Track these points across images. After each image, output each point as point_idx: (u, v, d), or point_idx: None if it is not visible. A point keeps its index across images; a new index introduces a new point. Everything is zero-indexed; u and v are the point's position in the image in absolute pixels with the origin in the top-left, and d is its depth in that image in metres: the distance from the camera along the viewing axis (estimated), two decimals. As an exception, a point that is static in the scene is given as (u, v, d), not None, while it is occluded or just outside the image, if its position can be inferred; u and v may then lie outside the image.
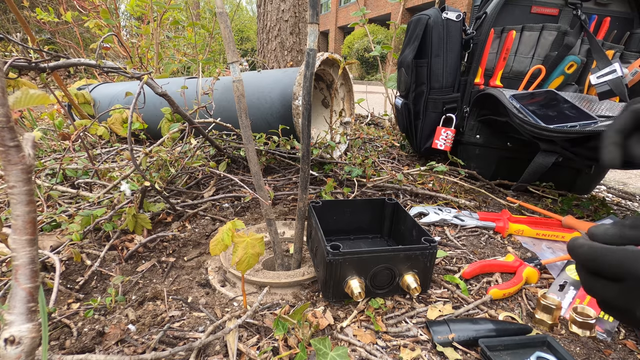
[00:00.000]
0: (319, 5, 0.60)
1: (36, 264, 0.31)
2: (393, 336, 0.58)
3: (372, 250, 0.59)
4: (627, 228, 0.35)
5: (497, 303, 0.67)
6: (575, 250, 0.37)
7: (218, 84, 1.35)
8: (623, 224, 0.36)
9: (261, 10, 2.39)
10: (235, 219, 0.58)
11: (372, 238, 0.84)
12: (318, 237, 0.64)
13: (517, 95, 0.98)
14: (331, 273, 0.59)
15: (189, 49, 2.92)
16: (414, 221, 0.71)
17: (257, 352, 0.53)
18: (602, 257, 0.34)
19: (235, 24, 12.73)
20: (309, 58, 0.62)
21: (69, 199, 1.02)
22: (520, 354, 0.52)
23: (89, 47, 3.39)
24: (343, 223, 0.82)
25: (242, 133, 0.67)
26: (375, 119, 2.48)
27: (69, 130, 1.22)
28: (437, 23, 1.14)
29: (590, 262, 0.35)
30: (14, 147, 0.29)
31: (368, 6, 14.92)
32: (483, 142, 1.20)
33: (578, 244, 0.37)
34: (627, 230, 0.35)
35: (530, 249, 0.85)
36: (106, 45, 2.25)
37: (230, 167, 1.32)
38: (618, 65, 0.86)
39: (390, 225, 0.83)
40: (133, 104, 0.79)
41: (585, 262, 0.36)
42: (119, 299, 0.65)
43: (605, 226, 0.37)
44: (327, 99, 1.64)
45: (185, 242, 0.88)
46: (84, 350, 0.54)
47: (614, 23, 1.04)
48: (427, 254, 0.61)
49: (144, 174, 0.81)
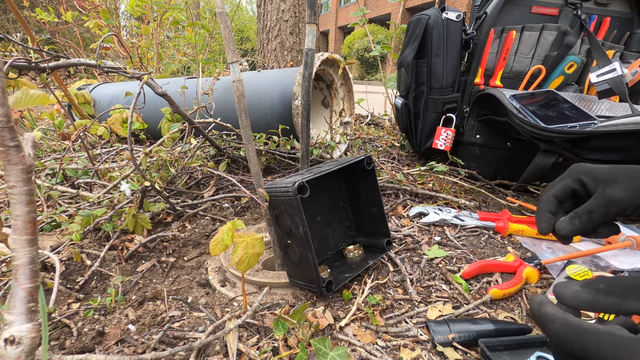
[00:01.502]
0: (317, 5, 0.60)
1: (36, 264, 0.31)
2: (393, 336, 0.58)
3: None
4: (601, 295, 0.31)
5: (497, 303, 0.67)
6: (546, 326, 0.32)
7: (218, 84, 1.35)
8: (597, 289, 0.32)
9: (261, 10, 2.39)
10: (235, 219, 0.58)
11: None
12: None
13: (517, 95, 0.98)
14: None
15: (189, 49, 2.92)
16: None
17: (257, 352, 0.53)
18: (576, 343, 0.29)
19: (235, 24, 12.73)
20: (307, 58, 0.62)
21: (69, 199, 1.02)
22: (520, 354, 0.52)
23: (89, 47, 3.39)
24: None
25: (242, 133, 0.67)
26: (375, 119, 2.48)
27: (69, 130, 1.22)
28: (437, 23, 1.14)
29: (565, 345, 0.30)
30: (14, 147, 0.29)
31: (368, 6, 14.92)
32: (483, 142, 1.20)
33: (549, 318, 0.32)
34: (601, 297, 0.31)
35: (530, 249, 0.85)
36: (106, 45, 2.25)
37: (230, 167, 1.32)
38: (618, 64, 0.86)
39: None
40: (133, 104, 0.79)
41: (561, 343, 0.31)
42: (119, 299, 0.65)
43: (575, 288, 0.33)
44: (327, 99, 1.64)
45: (185, 242, 0.88)
46: (84, 350, 0.54)
47: (614, 23, 1.04)
48: None
49: (144, 174, 0.81)
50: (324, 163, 0.79)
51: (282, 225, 0.66)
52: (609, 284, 0.32)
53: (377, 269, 0.77)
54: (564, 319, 0.31)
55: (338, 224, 0.82)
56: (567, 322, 0.30)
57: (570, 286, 0.34)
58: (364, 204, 0.80)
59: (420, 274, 0.74)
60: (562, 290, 0.34)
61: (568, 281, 0.36)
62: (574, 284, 0.34)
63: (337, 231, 0.81)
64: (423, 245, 0.85)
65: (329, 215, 0.80)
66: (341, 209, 0.83)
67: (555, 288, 0.35)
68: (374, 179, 0.75)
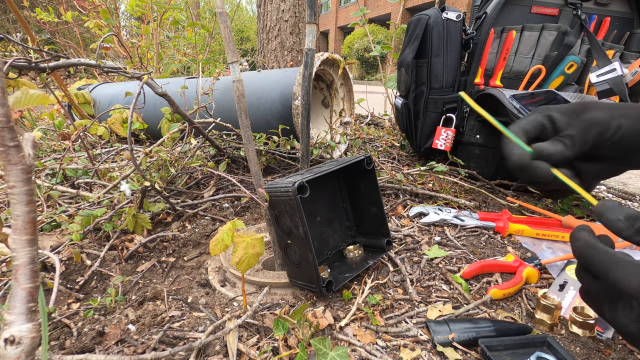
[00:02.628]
0: (317, 5, 0.60)
1: (36, 264, 0.31)
2: (393, 336, 0.58)
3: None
4: (638, 235, 0.34)
5: (497, 303, 0.67)
6: (573, 242, 0.37)
7: (218, 84, 1.35)
8: (636, 228, 0.34)
9: (261, 10, 2.39)
10: (235, 219, 0.58)
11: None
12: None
13: (517, 95, 0.98)
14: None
15: (189, 49, 2.92)
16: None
17: (257, 352, 0.53)
18: (590, 256, 0.35)
19: (235, 24, 12.72)
20: (307, 58, 0.62)
21: (69, 199, 1.02)
22: (520, 354, 0.52)
23: (89, 47, 3.39)
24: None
25: (242, 133, 0.67)
26: (375, 119, 2.48)
27: (69, 130, 1.22)
28: (437, 23, 1.14)
29: (580, 258, 0.36)
30: (14, 147, 0.29)
31: (368, 6, 14.91)
32: (483, 142, 1.20)
33: (576, 237, 0.36)
34: (637, 236, 0.34)
35: (530, 249, 0.85)
36: (106, 45, 2.25)
37: (230, 167, 1.32)
38: (618, 64, 0.86)
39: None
40: (133, 104, 0.79)
41: (577, 256, 0.37)
42: (119, 299, 0.65)
43: (618, 217, 0.35)
44: (327, 99, 1.64)
45: (185, 242, 0.88)
46: (84, 350, 0.54)
47: (614, 23, 1.04)
48: None
49: (144, 174, 0.81)
50: (324, 163, 0.79)
51: (282, 225, 0.66)
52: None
53: (377, 269, 0.77)
54: (586, 241, 0.35)
55: (338, 224, 0.82)
56: (586, 242, 0.35)
57: (614, 212, 0.35)
58: (364, 204, 0.80)
59: (420, 274, 0.74)
60: (607, 213, 0.36)
61: (615, 205, 0.36)
62: (618, 211, 0.36)
63: (337, 231, 0.81)
64: (423, 245, 0.85)
65: (329, 215, 0.80)
66: (341, 209, 0.83)
67: (602, 207, 0.37)
68: (374, 179, 0.75)
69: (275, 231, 0.68)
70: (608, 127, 0.40)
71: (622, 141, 0.39)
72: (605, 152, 0.41)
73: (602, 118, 0.40)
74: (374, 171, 0.75)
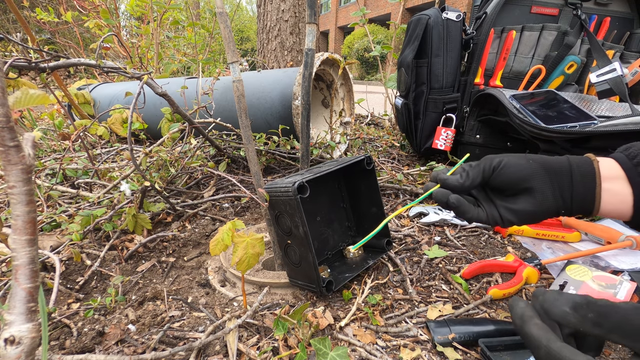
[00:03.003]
0: (317, 5, 0.60)
1: (36, 264, 0.31)
2: (393, 336, 0.58)
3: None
4: (588, 324, 0.33)
5: (497, 303, 0.67)
6: (531, 349, 0.35)
7: (218, 84, 1.35)
8: (585, 317, 0.34)
9: (261, 10, 2.39)
10: (235, 219, 0.58)
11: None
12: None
13: (517, 95, 0.98)
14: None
15: (189, 49, 2.92)
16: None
17: (257, 352, 0.53)
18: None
19: (235, 24, 12.73)
20: (307, 58, 0.62)
21: (69, 199, 1.02)
22: (520, 354, 0.52)
23: (89, 47, 3.39)
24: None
25: (242, 133, 0.67)
26: (375, 119, 2.48)
27: (69, 130, 1.22)
28: (437, 23, 1.14)
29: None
30: (14, 147, 0.29)
31: (368, 6, 14.91)
32: (483, 142, 1.20)
33: (534, 343, 0.34)
34: (588, 326, 0.34)
35: (530, 249, 0.85)
36: (106, 45, 2.25)
37: (230, 167, 1.32)
38: (618, 64, 0.86)
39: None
40: (133, 104, 0.79)
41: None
42: (119, 299, 0.65)
43: (565, 310, 0.35)
44: (327, 99, 1.64)
45: (185, 242, 0.88)
46: (84, 350, 0.54)
47: (614, 23, 1.04)
48: None
49: (144, 174, 0.81)
50: (324, 163, 0.79)
51: (282, 225, 0.66)
52: (598, 315, 0.33)
53: (377, 269, 0.77)
54: (548, 346, 0.33)
55: (338, 224, 0.82)
56: (551, 350, 0.33)
57: (559, 304, 0.35)
58: (364, 204, 0.80)
59: (420, 274, 0.74)
60: (552, 307, 0.36)
61: (558, 295, 0.36)
62: (563, 301, 0.35)
63: (337, 231, 0.81)
64: (423, 245, 0.85)
65: (329, 215, 0.80)
66: (341, 209, 0.83)
67: (545, 301, 0.37)
68: (374, 179, 0.75)
69: (275, 231, 0.68)
70: (492, 160, 0.49)
71: (505, 170, 0.48)
72: (497, 182, 0.49)
73: (492, 157, 0.50)
74: (374, 171, 0.74)
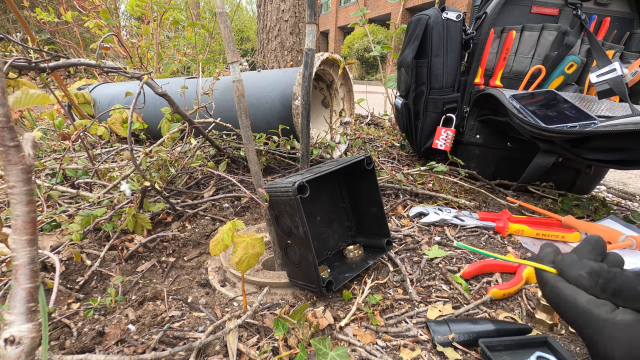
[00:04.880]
0: (317, 5, 0.60)
1: (36, 264, 0.31)
2: (393, 336, 0.58)
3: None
4: (597, 288, 0.39)
5: (497, 303, 0.67)
6: (539, 282, 0.43)
7: (218, 84, 1.35)
8: (596, 282, 0.39)
9: (261, 10, 2.39)
10: (235, 219, 0.58)
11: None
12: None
13: (517, 95, 0.98)
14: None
15: (189, 49, 2.92)
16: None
17: (257, 352, 0.53)
18: (562, 310, 0.41)
19: (235, 24, 12.72)
20: (307, 58, 0.62)
21: (69, 199, 1.02)
22: (520, 354, 0.52)
23: (89, 47, 3.39)
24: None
25: (242, 133, 0.67)
26: (375, 119, 2.48)
27: (69, 130, 1.22)
28: (437, 23, 1.14)
29: (548, 301, 0.43)
30: (14, 147, 0.29)
31: (368, 6, 14.91)
32: (483, 142, 1.20)
33: (543, 280, 0.43)
34: (596, 290, 0.39)
35: (530, 249, 0.85)
36: (106, 45, 2.25)
37: (230, 167, 1.32)
38: (618, 64, 0.86)
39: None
40: (133, 104, 0.79)
41: (548, 303, 0.43)
42: (119, 299, 0.65)
43: (580, 273, 0.40)
44: (327, 99, 1.64)
45: (185, 242, 0.88)
46: (84, 350, 0.54)
47: (614, 23, 1.04)
48: None
49: (144, 174, 0.81)
50: (324, 163, 0.79)
51: (282, 225, 0.66)
52: (607, 281, 0.39)
53: (377, 269, 0.77)
54: (555, 285, 0.42)
55: (338, 224, 0.82)
56: (556, 288, 0.41)
57: (575, 268, 0.41)
58: (364, 204, 0.80)
59: (420, 274, 0.74)
60: (568, 269, 0.41)
61: (576, 260, 0.42)
62: (581, 266, 0.41)
63: (337, 231, 0.81)
64: (423, 245, 0.85)
65: (329, 215, 0.80)
66: (341, 209, 0.83)
67: (562, 263, 0.42)
68: (374, 179, 0.75)
69: (275, 231, 0.68)
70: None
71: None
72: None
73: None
74: (374, 171, 0.75)
